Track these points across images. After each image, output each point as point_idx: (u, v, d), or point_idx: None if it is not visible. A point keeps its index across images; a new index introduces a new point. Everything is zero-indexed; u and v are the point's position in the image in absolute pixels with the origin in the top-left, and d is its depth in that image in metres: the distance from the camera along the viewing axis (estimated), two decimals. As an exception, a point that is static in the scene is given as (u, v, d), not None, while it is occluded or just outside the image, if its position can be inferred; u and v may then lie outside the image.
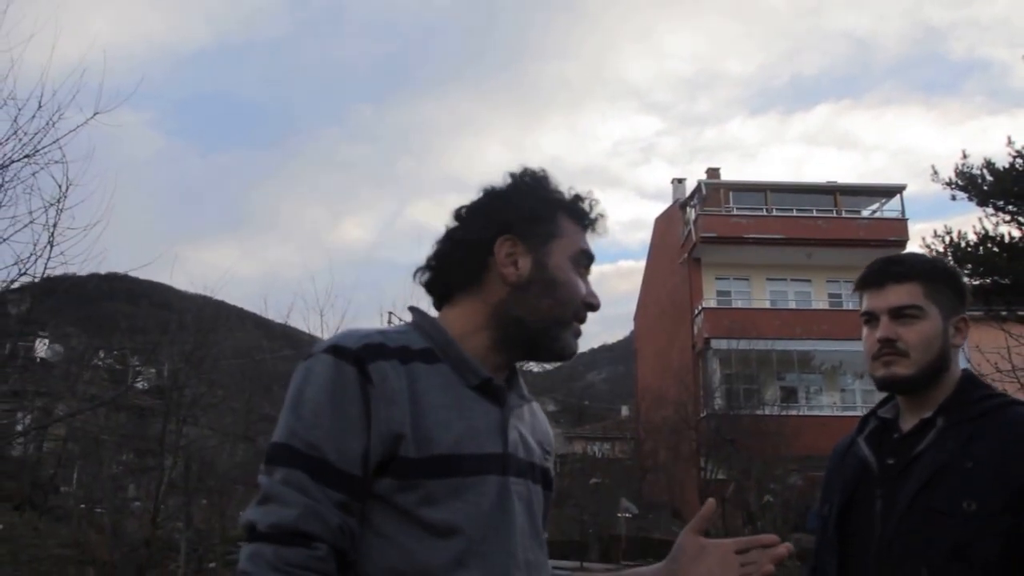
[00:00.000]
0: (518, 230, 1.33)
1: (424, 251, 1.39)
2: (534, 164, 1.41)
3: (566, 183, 1.42)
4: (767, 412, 23.14)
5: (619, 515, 18.47)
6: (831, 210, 28.60)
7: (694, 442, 23.04)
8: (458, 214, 1.38)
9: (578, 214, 1.40)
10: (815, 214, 28.27)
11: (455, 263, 1.35)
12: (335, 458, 1.15)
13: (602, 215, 1.43)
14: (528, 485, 1.28)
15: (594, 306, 1.38)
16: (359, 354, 1.19)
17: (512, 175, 1.39)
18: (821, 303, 27.82)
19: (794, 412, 24.10)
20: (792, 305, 27.93)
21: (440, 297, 1.38)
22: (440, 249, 1.37)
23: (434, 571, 1.14)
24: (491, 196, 1.37)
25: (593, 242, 1.43)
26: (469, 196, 1.39)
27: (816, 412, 25.29)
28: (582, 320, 1.37)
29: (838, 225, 27.73)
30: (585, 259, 1.38)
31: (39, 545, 12.74)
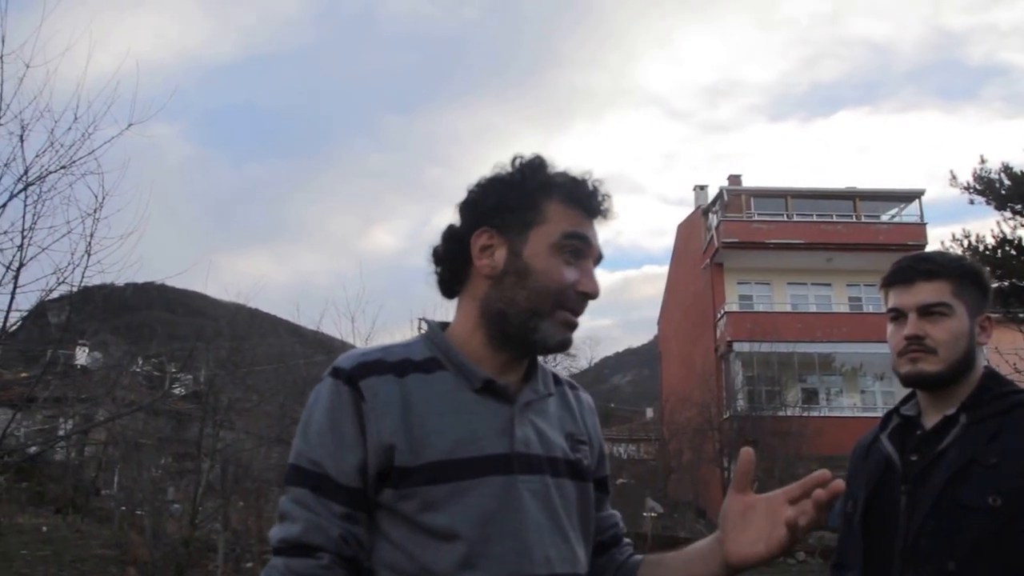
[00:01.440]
0: (495, 221, 1.30)
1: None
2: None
3: (570, 168, 1.35)
4: (789, 413, 23.30)
5: (645, 514, 18.53)
6: (851, 215, 28.63)
7: (718, 442, 23.15)
8: (456, 211, 1.36)
9: (573, 198, 1.31)
10: (835, 219, 28.31)
11: (444, 261, 1.35)
12: (335, 473, 1.19)
13: (605, 196, 1.34)
14: (546, 481, 1.25)
15: (588, 294, 1.29)
16: (352, 373, 1.22)
17: (498, 165, 1.35)
18: (841, 306, 27.89)
19: (815, 413, 24.13)
20: (813, 308, 27.96)
21: (450, 298, 1.38)
22: (435, 248, 1.37)
23: (442, 572, 1.16)
24: (473, 189, 1.34)
25: (601, 227, 1.34)
26: None
27: (837, 413, 25.29)
28: (570, 308, 1.28)
29: (858, 230, 27.71)
30: (575, 242, 1.29)
31: (82, 546, 12.89)
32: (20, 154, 6.13)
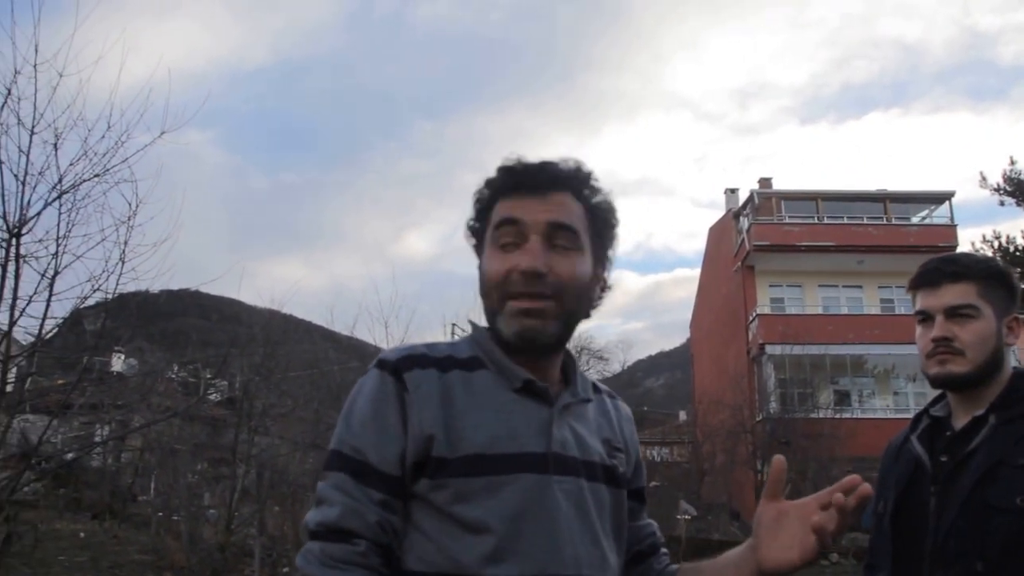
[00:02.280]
0: (474, 246, 1.35)
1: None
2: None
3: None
4: (821, 415, 23.12)
5: (678, 517, 18.43)
6: (881, 217, 28.47)
7: (750, 445, 23.03)
8: None
9: (506, 187, 1.30)
10: (866, 221, 28.21)
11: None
12: (376, 460, 1.20)
13: (531, 166, 1.30)
14: (580, 483, 1.24)
15: (524, 271, 1.23)
16: (397, 365, 1.25)
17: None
18: (873, 308, 27.72)
19: (848, 415, 24.05)
20: (844, 311, 27.87)
21: None
22: None
23: (468, 566, 1.15)
24: None
25: (552, 199, 1.28)
26: None
27: (869, 415, 25.21)
28: (517, 295, 1.24)
29: (888, 232, 27.58)
30: (504, 229, 1.27)
31: (119, 552, 12.93)
32: (54, 162, 6.12)
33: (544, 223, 1.26)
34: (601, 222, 1.33)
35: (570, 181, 1.31)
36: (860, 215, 28.69)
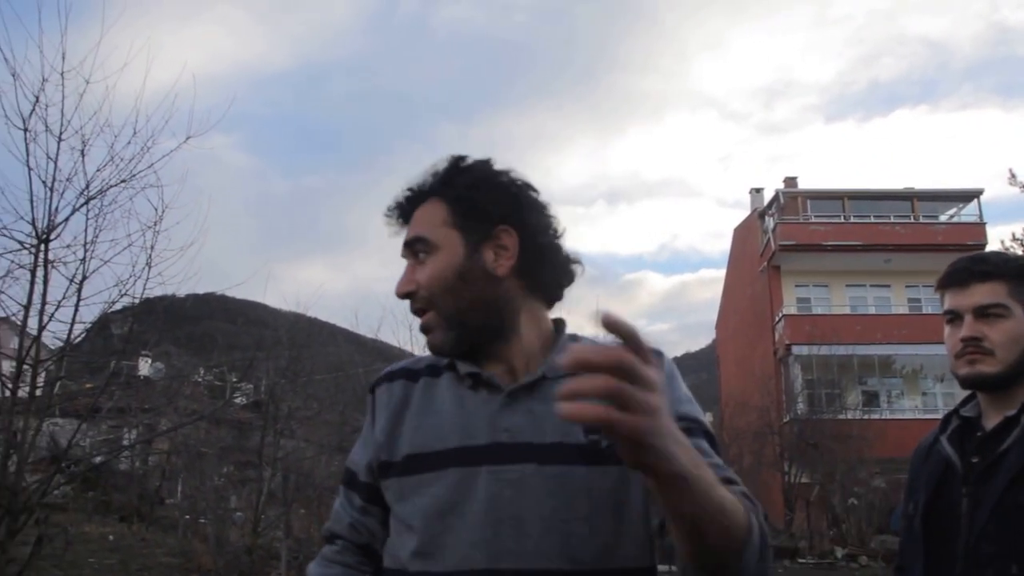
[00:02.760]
0: None
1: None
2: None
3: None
4: (849, 416, 22.82)
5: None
6: (908, 216, 28.17)
7: (778, 447, 22.80)
8: None
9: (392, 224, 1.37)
10: (893, 220, 27.89)
11: None
12: (358, 470, 1.34)
13: (394, 202, 1.36)
14: (529, 468, 1.18)
15: (398, 294, 1.31)
16: (375, 382, 1.38)
17: None
18: (901, 308, 27.45)
19: (876, 416, 23.79)
20: (872, 310, 27.64)
21: None
22: None
23: (403, 560, 1.22)
24: None
25: (411, 224, 1.33)
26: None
27: (898, 415, 24.95)
28: (414, 312, 1.31)
29: (916, 231, 27.28)
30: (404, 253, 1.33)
31: (147, 554, 12.92)
32: (81, 168, 6.15)
33: (404, 244, 1.31)
34: (465, 205, 1.29)
35: (431, 190, 1.32)
36: (887, 214, 28.41)
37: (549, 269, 1.32)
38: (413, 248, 1.29)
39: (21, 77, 5.97)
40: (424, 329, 1.29)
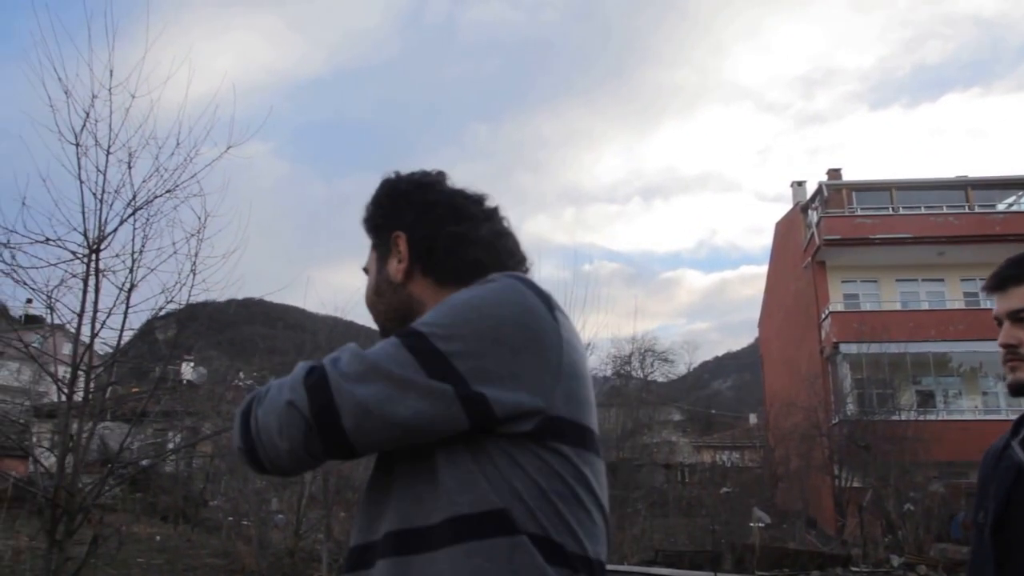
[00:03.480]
0: None
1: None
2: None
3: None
4: (903, 417, 22.18)
5: (752, 524, 18.07)
6: (963, 206, 27.25)
7: (827, 449, 22.22)
8: None
9: None
10: (945, 211, 26.99)
11: None
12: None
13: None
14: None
15: None
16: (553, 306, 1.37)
17: None
18: (956, 302, 26.51)
19: (932, 417, 22.94)
20: (925, 306, 26.82)
21: None
22: None
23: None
24: None
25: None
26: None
27: (956, 416, 24.15)
28: None
29: (971, 221, 26.30)
30: None
31: (192, 555, 13.35)
32: (128, 180, 6.46)
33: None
34: (369, 224, 1.42)
35: (365, 225, 1.44)
36: (939, 204, 27.46)
37: (450, 258, 1.33)
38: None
39: (73, 94, 6.27)
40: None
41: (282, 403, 1.14)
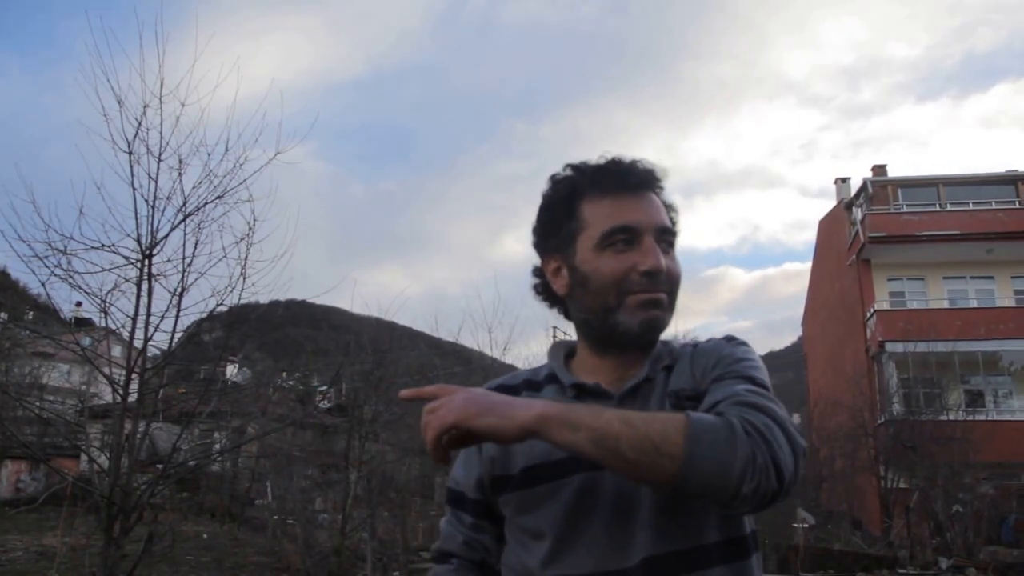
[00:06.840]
0: (550, 245, 1.39)
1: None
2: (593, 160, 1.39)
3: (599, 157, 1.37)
4: (951, 417, 21.70)
5: (796, 525, 17.86)
6: (1013, 201, 26.49)
7: (872, 449, 21.82)
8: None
9: (605, 188, 1.34)
10: (994, 206, 26.29)
11: (543, 294, 1.46)
12: (465, 489, 1.41)
13: (637, 166, 1.36)
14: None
15: (648, 271, 1.30)
16: None
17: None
18: (1006, 300, 25.87)
19: (982, 417, 22.36)
20: (973, 303, 26.09)
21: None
22: (533, 287, 1.48)
23: (533, 569, 1.28)
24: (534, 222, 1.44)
25: (653, 197, 1.36)
26: None
27: (1007, 416, 23.57)
28: (636, 291, 1.30)
29: (1021, 217, 25.59)
30: (616, 235, 1.31)
31: (239, 553, 13.58)
32: (179, 187, 6.62)
33: (655, 227, 1.33)
34: (673, 221, 1.39)
35: (655, 182, 1.37)
36: (988, 200, 26.72)
37: None
38: (660, 235, 1.34)
39: (125, 104, 6.47)
40: (656, 304, 1.31)
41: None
